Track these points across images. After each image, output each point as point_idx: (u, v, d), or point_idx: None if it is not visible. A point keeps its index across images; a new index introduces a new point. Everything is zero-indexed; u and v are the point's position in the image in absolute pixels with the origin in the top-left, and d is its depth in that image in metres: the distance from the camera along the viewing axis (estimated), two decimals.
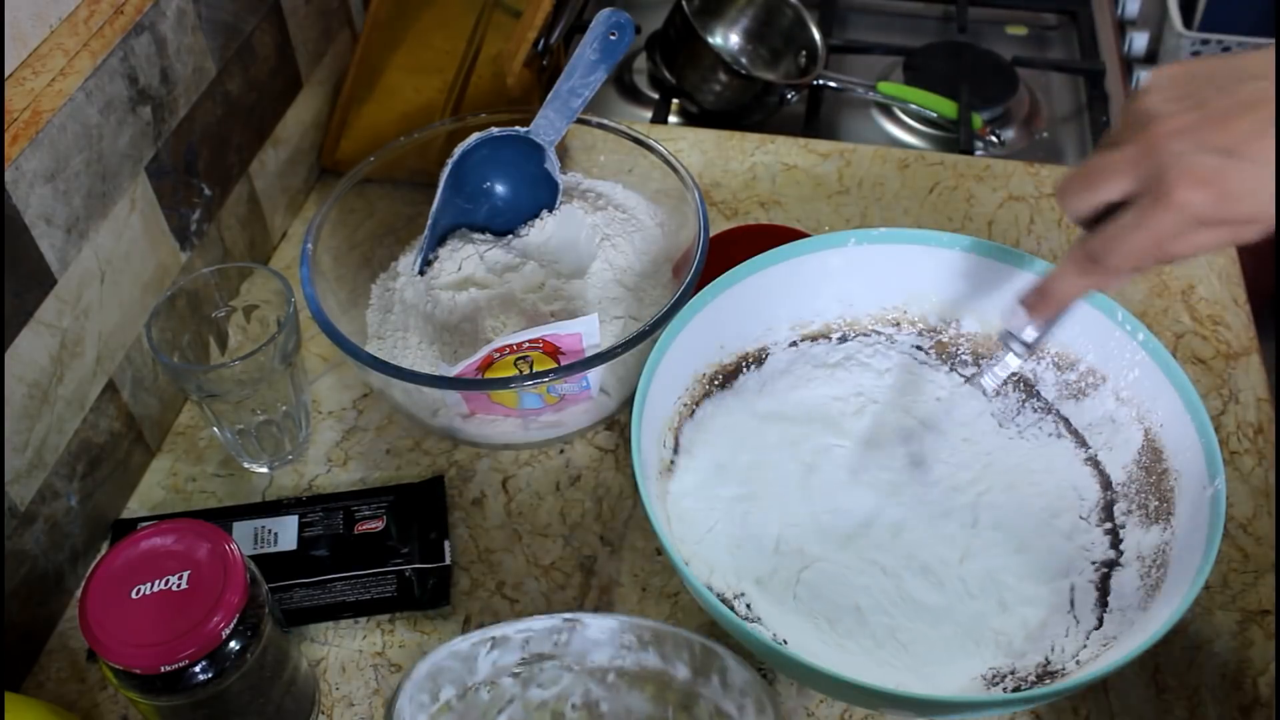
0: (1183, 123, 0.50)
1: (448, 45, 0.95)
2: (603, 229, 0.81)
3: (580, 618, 0.55)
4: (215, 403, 0.72)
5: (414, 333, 0.78)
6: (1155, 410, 0.66)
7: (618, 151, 0.84)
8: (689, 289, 0.71)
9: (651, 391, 0.65)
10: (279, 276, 0.74)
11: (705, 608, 0.58)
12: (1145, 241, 0.53)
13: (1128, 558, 0.64)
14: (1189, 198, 0.50)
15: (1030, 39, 1.24)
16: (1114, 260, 0.54)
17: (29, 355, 0.65)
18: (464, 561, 0.73)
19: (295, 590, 0.70)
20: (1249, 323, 0.85)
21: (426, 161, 0.84)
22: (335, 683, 0.68)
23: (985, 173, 0.97)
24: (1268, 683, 0.66)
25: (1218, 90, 0.51)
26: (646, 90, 1.17)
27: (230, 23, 0.82)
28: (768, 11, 1.14)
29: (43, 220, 0.65)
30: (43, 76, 0.65)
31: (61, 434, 0.69)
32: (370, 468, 0.79)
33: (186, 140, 0.78)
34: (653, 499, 0.61)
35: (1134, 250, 0.53)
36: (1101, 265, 0.55)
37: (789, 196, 0.96)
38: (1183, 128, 0.50)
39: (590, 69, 0.79)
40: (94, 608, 0.55)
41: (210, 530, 0.58)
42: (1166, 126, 0.51)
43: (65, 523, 0.70)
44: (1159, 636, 0.54)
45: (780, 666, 0.59)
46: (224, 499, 0.77)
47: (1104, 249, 0.55)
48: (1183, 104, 0.51)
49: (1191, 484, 0.62)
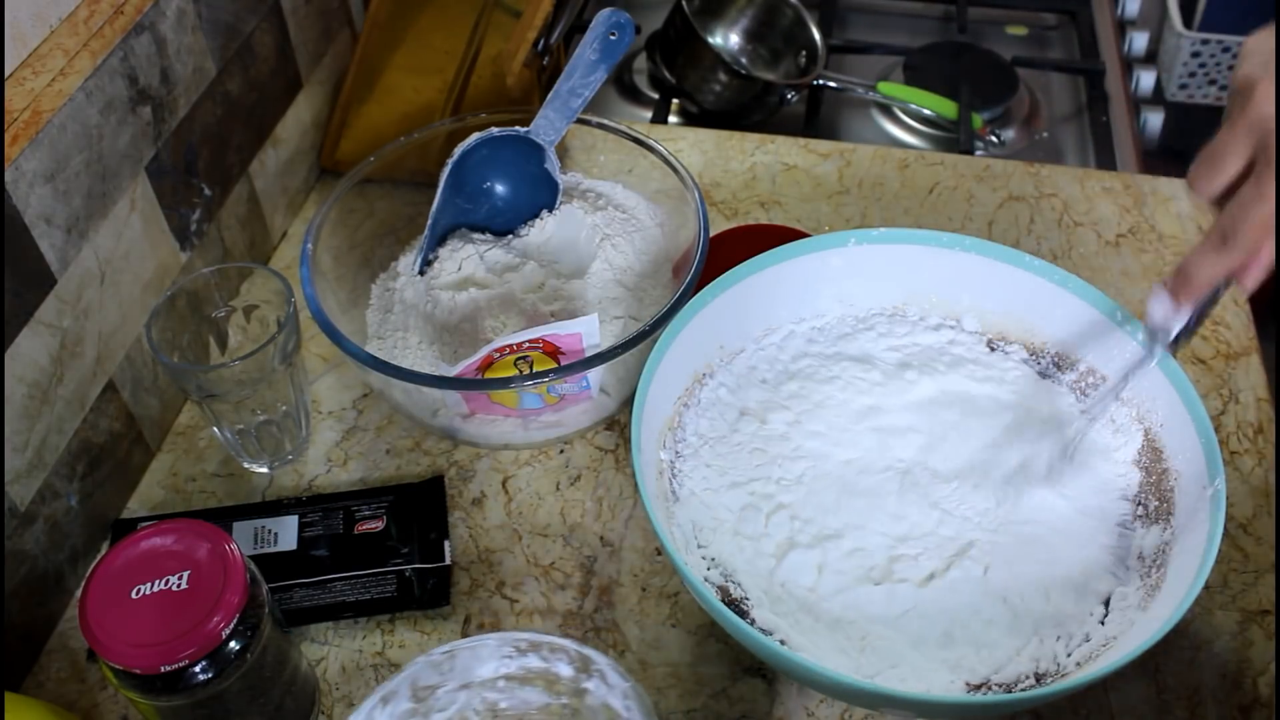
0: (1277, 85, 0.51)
1: (448, 45, 0.95)
2: (603, 229, 0.81)
3: (455, 646, 0.57)
4: (215, 403, 0.72)
5: (414, 333, 0.78)
6: (1155, 410, 0.66)
7: (618, 151, 0.84)
8: (689, 289, 0.71)
9: (651, 391, 0.65)
10: (279, 276, 0.74)
11: (705, 608, 0.58)
12: (1266, 213, 0.52)
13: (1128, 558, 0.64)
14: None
15: (1030, 39, 1.24)
16: (1242, 233, 0.54)
17: (29, 355, 0.65)
18: (464, 561, 0.73)
19: (295, 590, 0.70)
20: (1249, 323, 0.85)
21: (426, 161, 0.84)
22: (335, 683, 0.68)
23: (985, 173, 0.97)
24: (1268, 683, 0.66)
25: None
26: (646, 90, 1.17)
27: (230, 23, 0.82)
28: (768, 11, 1.14)
29: (43, 220, 0.65)
30: (43, 76, 0.65)
31: (61, 434, 0.69)
32: (370, 468, 0.79)
33: (186, 140, 0.78)
34: (653, 499, 0.61)
35: (1259, 219, 0.53)
36: (1233, 241, 0.55)
37: (789, 196, 0.96)
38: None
39: (590, 69, 0.79)
40: (94, 608, 0.55)
41: (210, 530, 0.58)
42: (1265, 90, 0.51)
43: (65, 523, 0.70)
44: (1159, 636, 0.54)
45: (780, 666, 0.59)
46: (224, 499, 0.77)
47: (1231, 223, 0.54)
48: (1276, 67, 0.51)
49: (1191, 484, 0.62)
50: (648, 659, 0.68)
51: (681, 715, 0.66)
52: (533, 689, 0.58)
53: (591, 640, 0.69)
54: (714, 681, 0.67)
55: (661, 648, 0.69)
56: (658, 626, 0.70)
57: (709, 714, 0.66)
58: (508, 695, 0.58)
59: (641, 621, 0.70)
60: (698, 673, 0.67)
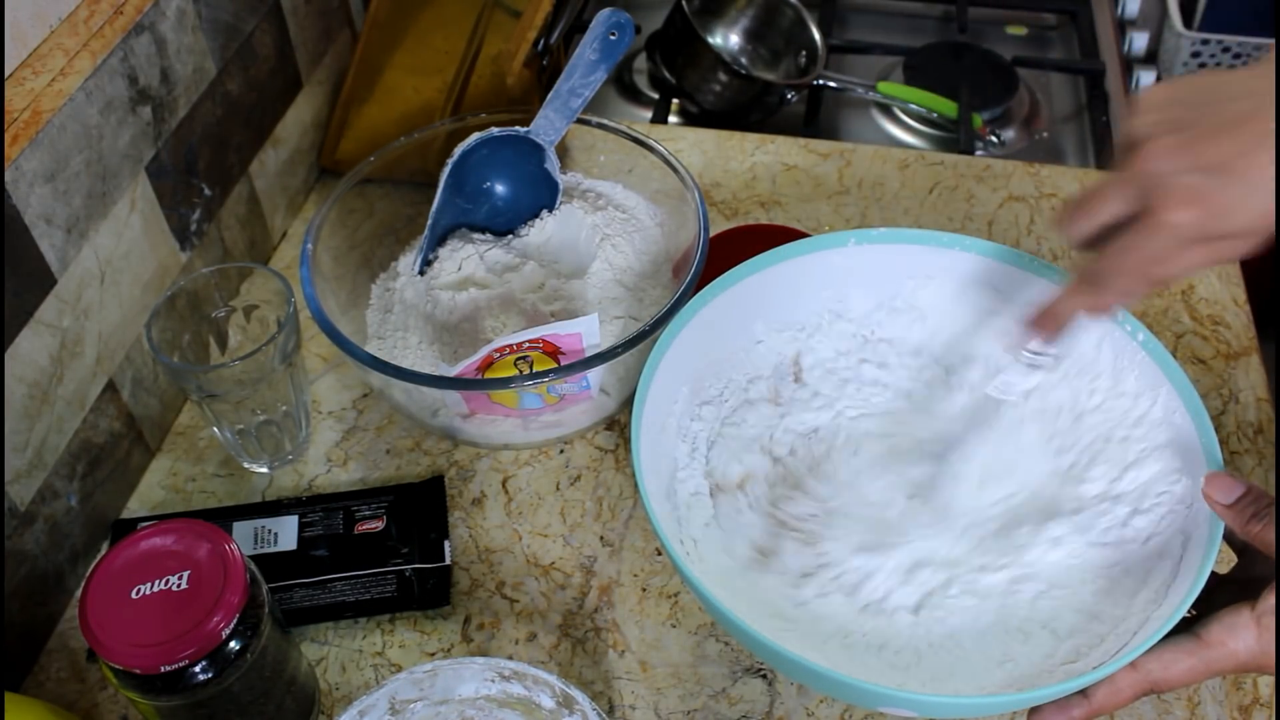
0: (1169, 144, 0.52)
1: (448, 45, 0.95)
2: (603, 229, 0.81)
3: (438, 665, 0.58)
4: (215, 403, 0.72)
5: (414, 333, 0.78)
6: (1154, 409, 0.66)
7: (618, 151, 0.84)
8: (689, 289, 0.71)
9: (651, 391, 0.65)
10: (279, 276, 0.74)
11: (705, 608, 0.58)
12: (1138, 262, 0.54)
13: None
14: (1177, 218, 0.52)
15: (1030, 39, 1.24)
16: (1110, 281, 0.56)
17: (29, 355, 0.65)
18: (464, 561, 0.73)
19: (295, 590, 0.70)
20: (1249, 323, 0.85)
21: (426, 161, 0.84)
22: (335, 683, 0.68)
23: (985, 173, 0.97)
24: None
25: (1202, 112, 0.52)
26: (646, 90, 1.17)
27: (230, 23, 0.82)
28: (768, 11, 1.14)
29: (43, 220, 0.65)
30: (43, 76, 0.65)
31: (61, 434, 0.69)
32: (370, 468, 0.79)
33: (186, 140, 0.78)
34: (653, 499, 0.61)
35: (1128, 271, 0.55)
36: (1100, 287, 0.57)
37: (789, 196, 0.96)
38: (1169, 149, 0.52)
39: (590, 69, 0.79)
40: (94, 608, 0.55)
41: (210, 530, 0.58)
42: (1154, 148, 0.53)
43: (65, 523, 0.70)
44: (1159, 636, 0.54)
45: (780, 666, 0.59)
46: (224, 499, 0.77)
47: (1101, 271, 0.56)
48: (1169, 126, 0.53)
49: (1191, 484, 0.62)
50: (648, 659, 0.68)
51: (681, 715, 0.66)
52: (512, 713, 0.58)
53: (591, 640, 0.69)
54: (714, 681, 0.67)
55: (661, 648, 0.69)
56: (658, 626, 0.70)
57: (709, 714, 0.66)
58: (486, 715, 0.58)
59: (641, 621, 0.70)
60: (698, 673, 0.67)
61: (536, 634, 0.70)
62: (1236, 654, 0.53)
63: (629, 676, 0.67)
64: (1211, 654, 0.53)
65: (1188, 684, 0.54)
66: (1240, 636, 0.53)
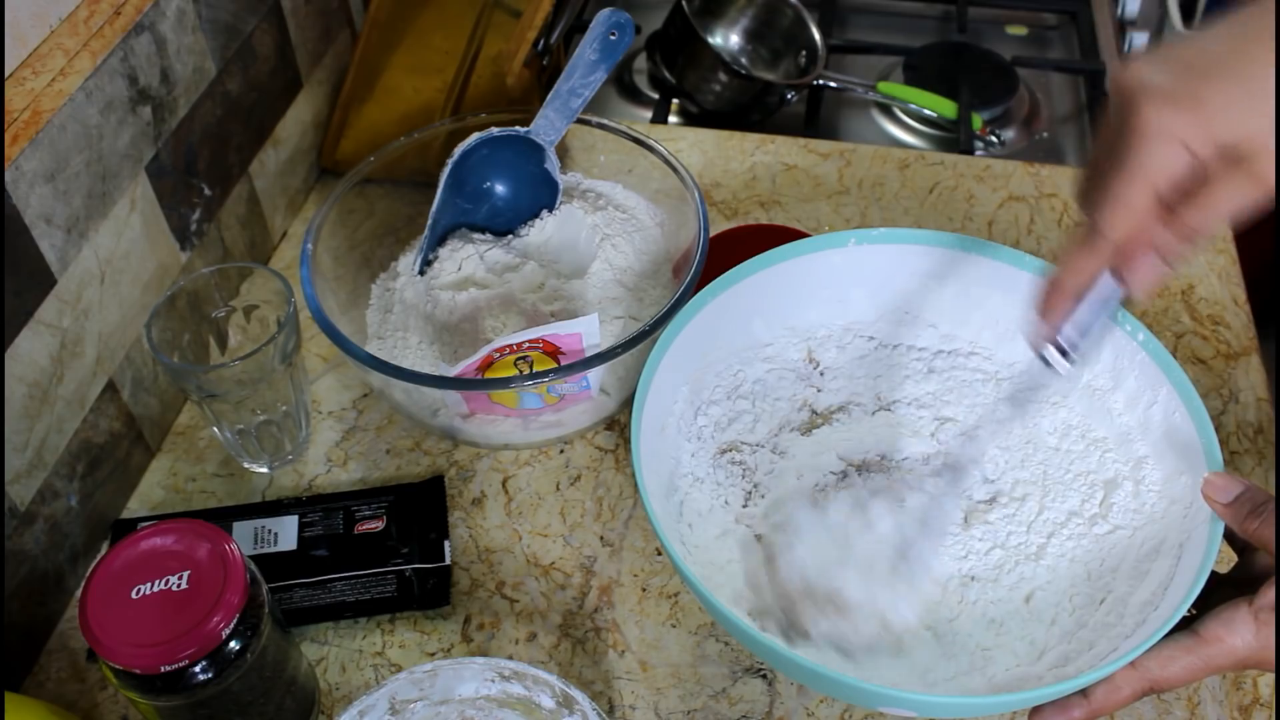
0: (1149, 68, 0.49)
1: (448, 45, 0.95)
2: (603, 229, 0.81)
3: (438, 665, 0.58)
4: (215, 403, 0.72)
5: (414, 333, 0.78)
6: (1154, 410, 0.66)
7: (618, 151, 0.84)
8: (689, 289, 0.71)
9: (651, 391, 0.65)
10: (279, 276, 0.74)
11: (705, 608, 0.58)
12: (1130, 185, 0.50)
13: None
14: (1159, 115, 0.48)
15: (1030, 39, 1.24)
16: (1108, 216, 0.51)
17: (29, 355, 0.65)
18: (464, 561, 0.73)
19: (295, 590, 0.70)
20: (1249, 323, 0.85)
21: (426, 161, 0.84)
22: (335, 683, 0.68)
23: (985, 173, 0.97)
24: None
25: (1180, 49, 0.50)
26: (646, 90, 1.17)
27: (230, 23, 0.82)
28: (768, 11, 1.14)
29: (43, 220, 0.65)
30: (43, 76, 0.65)
31: (61, 434, 0.69)
32: (370, 468, 0.79)
33: (186, 140, 0.78)
34: (653, 499, 0.61)
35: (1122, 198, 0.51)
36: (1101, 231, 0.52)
37: (789, 196, 0.96)
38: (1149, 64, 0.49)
39: (590, 69, 0.79)
40: (94, 608, 0.55)
41: (210, 530, 0.58)
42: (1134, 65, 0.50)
43: (65, 523, 0.70)
44: (1159, 636, 0.54)
45: (780, 666, 0.59)
46: (224, 499, 0.77)
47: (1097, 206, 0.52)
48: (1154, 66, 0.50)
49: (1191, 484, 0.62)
50: (648, 659, 0.68)
51: (681, 715, 0.66)
52: (511, 712, 0.58)
53: (591, 640, 0.69)
54: (714, 681, 0.67)
55: (661, 648, 0.69)
56: (658, 626, 0.70)
57: (709, 714, 0.66)
58: (486, 715, 0.58)
59: (641, 621, 0.70)
60: (698, 673, 0.67)
61: (536, 634, 0.70)
62: (1235, 650, 0.53)
63: (629, 676, 0.67)
64: (1209, 650, 0.53)
65: (1187, 682, 0.54)
66: (1238, 632, 0.53)
